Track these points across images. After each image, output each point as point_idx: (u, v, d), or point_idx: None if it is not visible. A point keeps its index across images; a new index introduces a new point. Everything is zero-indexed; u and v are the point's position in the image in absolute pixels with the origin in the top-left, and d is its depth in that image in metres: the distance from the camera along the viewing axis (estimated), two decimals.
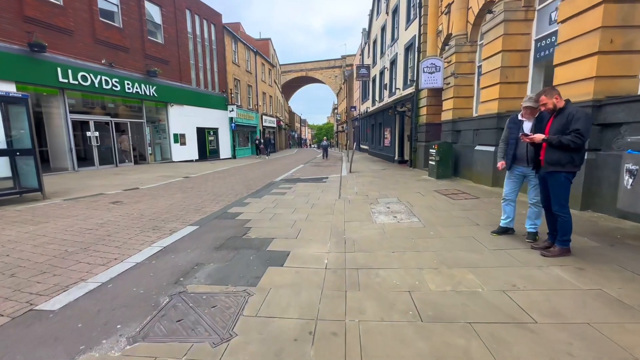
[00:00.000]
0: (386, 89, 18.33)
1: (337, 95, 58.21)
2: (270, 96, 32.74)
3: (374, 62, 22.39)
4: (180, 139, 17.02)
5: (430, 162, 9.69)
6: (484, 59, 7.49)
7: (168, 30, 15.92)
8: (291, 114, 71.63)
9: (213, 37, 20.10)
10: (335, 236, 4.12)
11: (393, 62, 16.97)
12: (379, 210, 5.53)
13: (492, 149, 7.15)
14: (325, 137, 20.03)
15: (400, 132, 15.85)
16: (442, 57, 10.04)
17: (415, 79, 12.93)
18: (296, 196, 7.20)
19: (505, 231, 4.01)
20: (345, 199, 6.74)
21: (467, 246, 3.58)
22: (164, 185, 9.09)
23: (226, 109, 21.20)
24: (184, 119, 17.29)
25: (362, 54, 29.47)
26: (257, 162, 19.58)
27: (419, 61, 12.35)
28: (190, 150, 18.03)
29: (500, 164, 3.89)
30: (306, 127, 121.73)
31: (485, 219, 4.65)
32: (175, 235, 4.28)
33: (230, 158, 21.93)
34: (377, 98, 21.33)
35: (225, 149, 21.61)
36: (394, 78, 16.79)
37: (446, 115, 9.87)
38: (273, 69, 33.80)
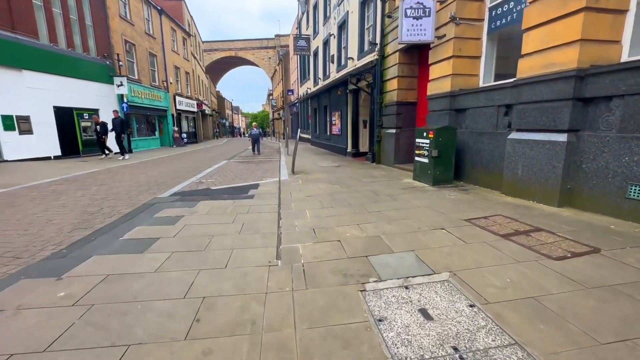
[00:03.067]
0: (333, 62, 14.56)
1: (272, 79, 53.15)
2: (187, 73, 26.28)
3: (315, 32, 18.39)
4: (18, 124, 10.63)
5: (418, 158, 6.24)
6: None
7: None
8: (220, 99, 63.80)
9: None
10: None
11: (342, 26, 13.21)
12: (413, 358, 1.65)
13: (561, 137, 3.85)
14: (255, 124, 14.87)
15: (354, 116, 12.34)
16: None
17: (377, 41, 9.39)
18: (174, 253, 2.95)
19: None
20: (290, 261, 2.73)
21: None
22: None
23: (112, 83, 14.92)
24: (25, 93, 10.88)
25: (299, 26, 25.17)
26: (156, 158, 14.14)
27: (383, 14, 8.79)
28: (43, 142, 11.67)
29: None
30: (239, 115, 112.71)
31: None
32: None
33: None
34: (320, 76, 17.48)
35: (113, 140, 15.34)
36: (344, 47, 13.08)
37: (438, 86, 6.47)
38: (189, 39, 27.17)
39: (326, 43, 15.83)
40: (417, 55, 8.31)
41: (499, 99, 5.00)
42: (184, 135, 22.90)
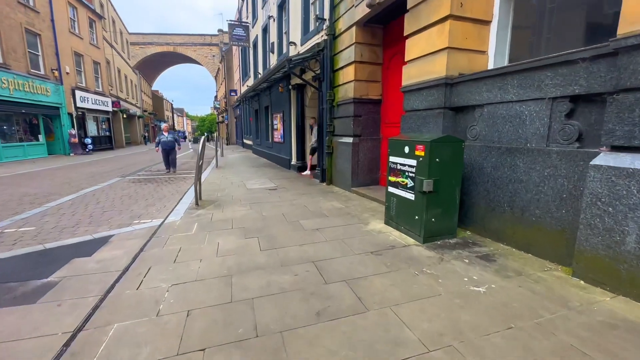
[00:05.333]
0: (273, 52, 11.68)
1: (216, 79, 48.60)
2: (97, 63, 21.18)
3: (255, 18, 15.36)
4: None
5: (395, 190, 3.60)
6: None
7: None
8: (157, 99, 56.89)
9: None
10: None
11: (282, 5, 10.43)
12: None
13: None
14: (165, 126, 9.96)
15: (299, 119, 9.57)
16: None
17: (325, 15, 6.76)
18: None
19: None
20: None
21: None
22: None
23: None
24: None
25: (240, 16, 21.89)
26: (5, 176, 9.89)
27: None
28: None
29: None
30: (184, 117, 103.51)
31: None
32: None
33: None
34: (260, 70, 14.47)
35: None
36: (285, 32, 10.30)
37: (423, 70, 3.95)
38: (101, 21, 22.08)
39: (265, 30, 12.90)
40: (382, 32, 5.84)
41: (557, 84, 2.57)
42: (89, 140, 17.95)
